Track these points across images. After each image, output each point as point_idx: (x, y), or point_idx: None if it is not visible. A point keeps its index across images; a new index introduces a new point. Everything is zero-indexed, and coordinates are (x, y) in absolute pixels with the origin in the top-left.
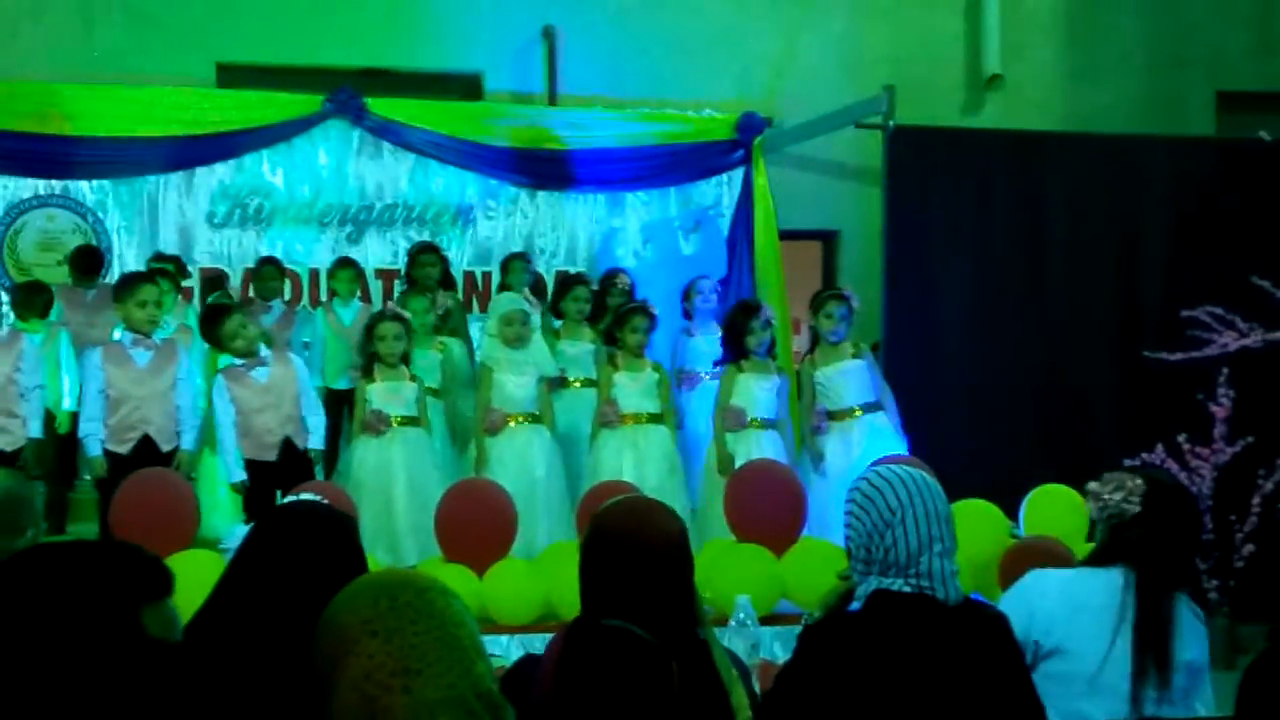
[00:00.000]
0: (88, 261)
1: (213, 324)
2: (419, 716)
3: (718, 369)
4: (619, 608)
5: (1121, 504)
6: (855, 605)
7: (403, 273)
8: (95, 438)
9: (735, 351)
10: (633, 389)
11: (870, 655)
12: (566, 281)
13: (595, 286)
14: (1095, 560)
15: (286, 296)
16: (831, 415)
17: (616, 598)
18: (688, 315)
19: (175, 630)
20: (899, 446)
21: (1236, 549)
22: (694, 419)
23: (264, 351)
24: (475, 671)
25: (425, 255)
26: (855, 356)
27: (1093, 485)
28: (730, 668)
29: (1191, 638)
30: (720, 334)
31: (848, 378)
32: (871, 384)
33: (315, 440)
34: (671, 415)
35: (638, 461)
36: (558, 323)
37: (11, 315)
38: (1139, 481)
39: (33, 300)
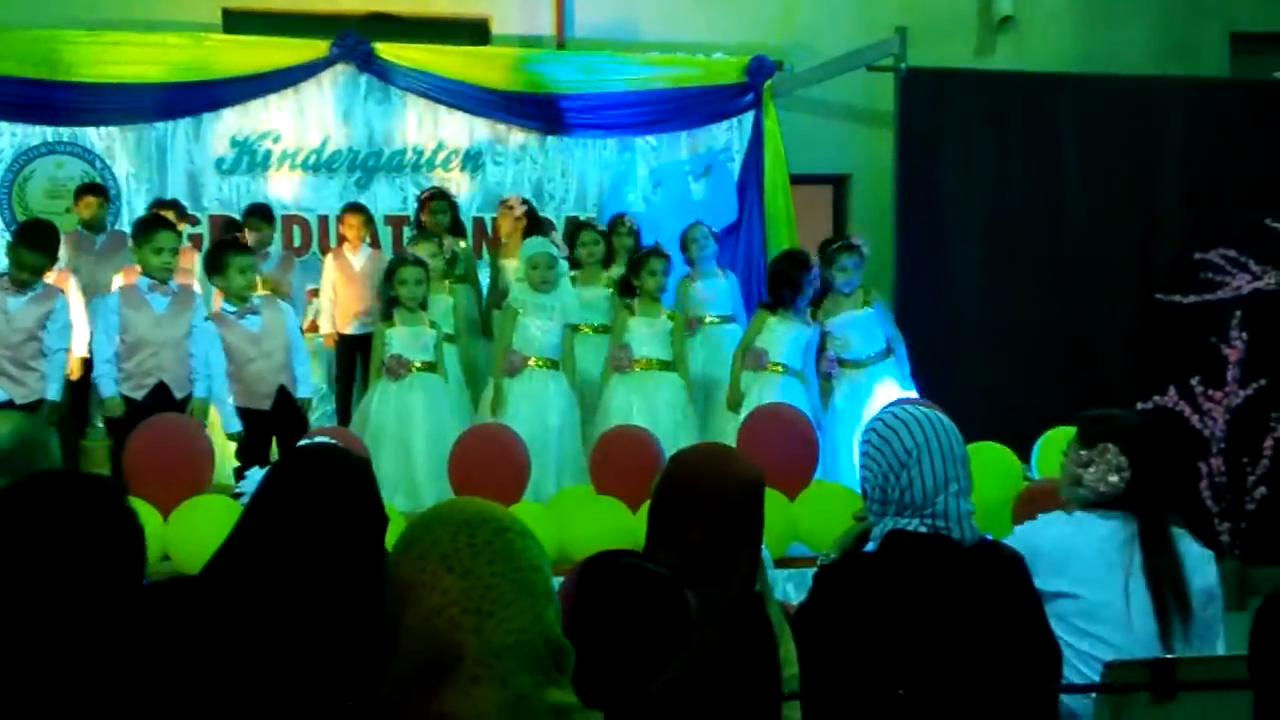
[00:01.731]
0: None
1: (217, 260)
2: (485, 658)
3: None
4: (686, 546)
5: (1118, 484)
6: (871, 546)
7: (412, 218)
8: (109, 378)
9: (778, 299)
10: (646, 334)
11: (886, 595)
12: (577, 227)
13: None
14: (1091, 506)
15: (279, 243)
16: (843, 364)
17: (686, 536)
18: (689, 263)
19: None
20: (909, 393)
21: (1249, 492)
22: (697, 363)
23: (255, 300)
24: (545, 618)
25: (436, 202)
26: (866, 305)
27: (1078, 474)
28: (784, 622)
29: (1199, 566)
30: (722, 278)
31: (858, 327)
32: (881, 333)
33: (304, 389)
34: (684, 363)
35: (647, 407)
36: (571, 270)
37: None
38: (1115, 450)
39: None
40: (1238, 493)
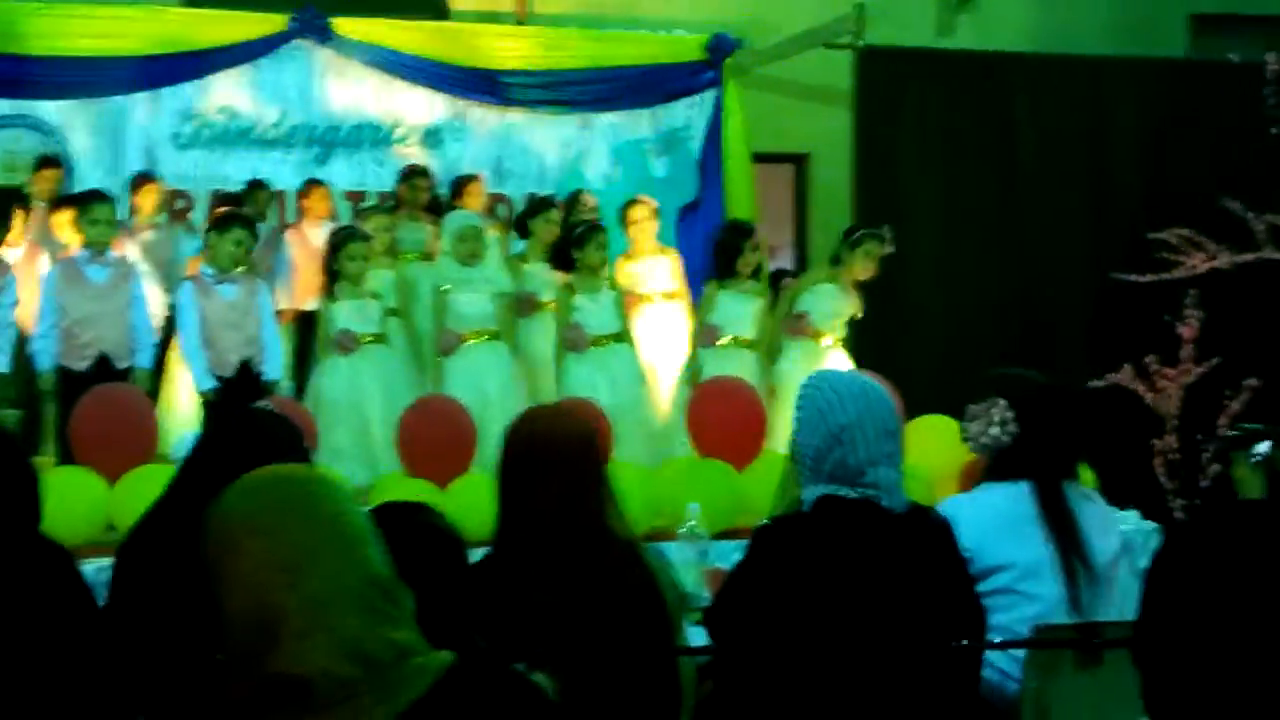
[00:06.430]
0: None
1: (222, 223)
2: (306, 611)
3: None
4: (527, 508)
5: (1000, 437)
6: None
7: (392, 191)
8: (46, 354)
9: (722, 270)
10: (594, 310)
11: (815, 557)
12: (538, 204)
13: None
14: (991, 476)
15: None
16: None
17: (523, 498)
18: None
19: None
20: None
21: (1203, 469)
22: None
23: (234, 272)
24: (362, 560)
25: (419, 179)
26: (855, 300)
27: (965, 426)
28: (658, 559)
29: (1105, 527)
30: (663, 255)
31: (837, 306)
32: (847, 325)
33: (273, 370)
34: (630, 333)
35: (611, 383)
36: (521, 244)
37: None
38: (1003, 404)
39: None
40: (1192, 470)
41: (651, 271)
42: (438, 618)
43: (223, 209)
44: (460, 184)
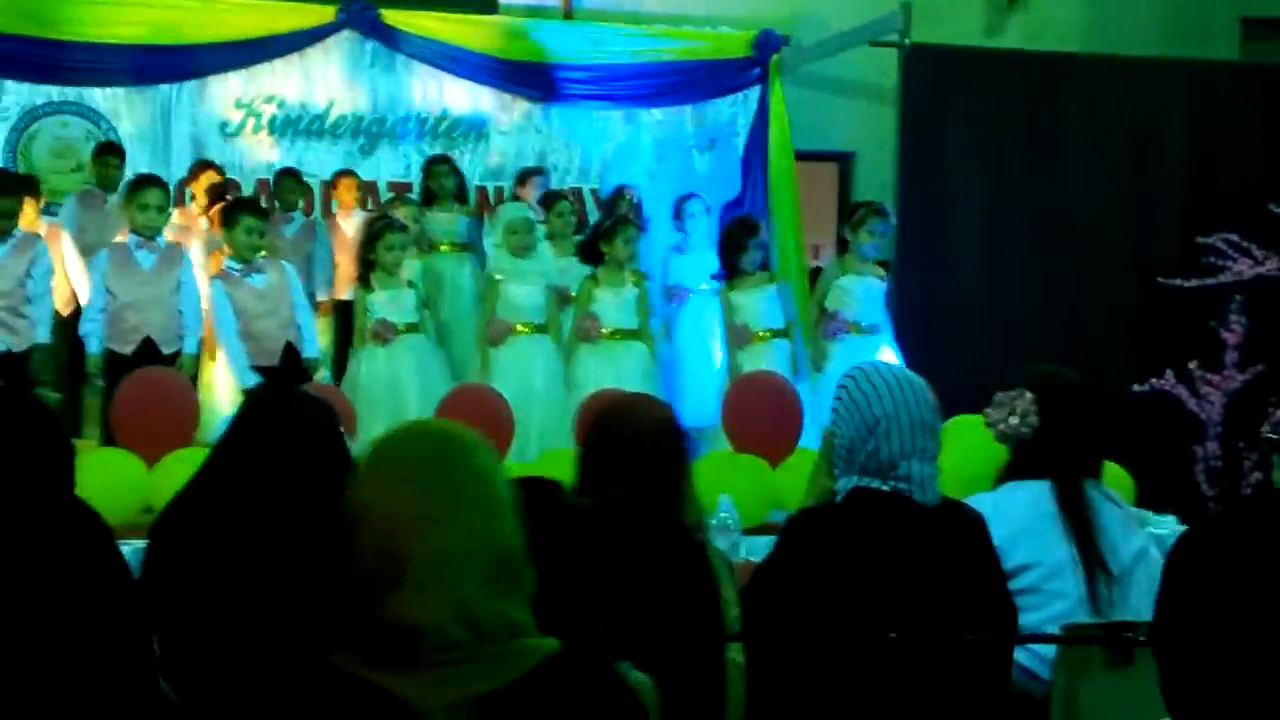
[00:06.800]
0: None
1: (231, 216)
2: (433, 564)
3: (714, 283)
4: (607, 488)
5: (1019, 428)
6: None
7: (420, 184)
8: (95, 336)
9: (730, 269)
10: (613, 304)
11: (845, 549)
12: (548, 198)
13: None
14: (1014, 474)
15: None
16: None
17: (606, 478)
18: (680, 232)
19: None
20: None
21: (1244, 477)
22: (683, 335)
23: (258, 259)
24: (498, 530)
25: (439, 166)
26: (879, 278)
27: (988, 413)
28: (724, 566)
29: (1125, 527)
30: (711, 252)
31: (868, 294)
32: (881, 308)
33: (311, 349)
34: (648, 331)
35: (617, 377)
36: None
37: None
38: (1028, 397)
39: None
40: (1233, 477)
41: (702, 266)
42: (563, 599)
43: (227, 200)
44: (523, 176)
